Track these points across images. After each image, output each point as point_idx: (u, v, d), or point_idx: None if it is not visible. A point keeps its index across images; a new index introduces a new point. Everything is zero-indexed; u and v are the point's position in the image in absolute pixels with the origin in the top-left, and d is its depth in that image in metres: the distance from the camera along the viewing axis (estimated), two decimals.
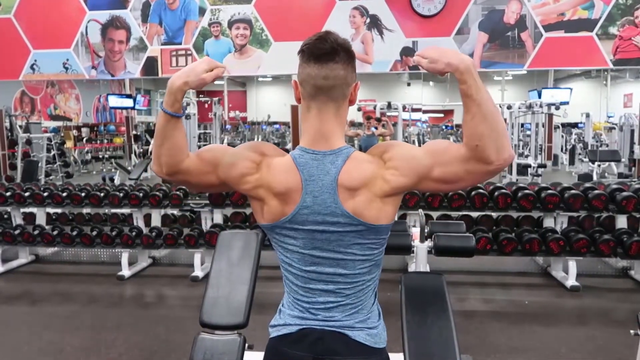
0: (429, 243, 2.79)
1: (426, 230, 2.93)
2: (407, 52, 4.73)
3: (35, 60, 5.10)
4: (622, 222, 4.64)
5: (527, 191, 4.48)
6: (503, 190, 4.51)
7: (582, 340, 3.39)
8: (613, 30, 4.48)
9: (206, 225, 4.91)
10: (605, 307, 4.06)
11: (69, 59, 5.06)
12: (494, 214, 4.88)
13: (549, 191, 4.46)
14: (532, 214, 4.79)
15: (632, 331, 2.84)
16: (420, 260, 2.76)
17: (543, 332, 3.51)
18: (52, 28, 5.07)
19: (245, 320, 2.47)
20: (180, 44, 4.94)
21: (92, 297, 4.37)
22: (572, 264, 4.35)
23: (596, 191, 4.39)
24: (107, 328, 3.67)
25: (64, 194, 5.01)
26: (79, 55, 5.05)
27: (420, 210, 2.99)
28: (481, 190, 4.52)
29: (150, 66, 5.00)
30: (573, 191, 4.43)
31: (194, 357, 2.39)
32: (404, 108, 11.99)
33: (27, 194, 5.06)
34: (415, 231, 2.94)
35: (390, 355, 2.95)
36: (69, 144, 16.62)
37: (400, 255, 3.17)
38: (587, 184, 4.72)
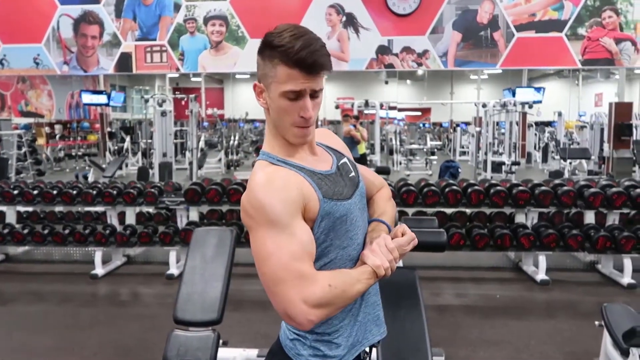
0: None
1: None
2: (383, 50, 4.78)
3: (5, 55, 4.98)
4: (590, 217, 4.79)
5: (499, 188, 4.57)
6: (476, 187, 4.59)
7: (551, 333, 3.49)
8: (582, 31, 4.60)
9: (182, 222, 4.87)
10: (573, 300, 4.18)
11: (39, 54, 4.95)
12: (468, 210, 4.98)
13: (520, 188, 4.57)
14: (504, 210, 4.89)
15: (597, 322, 2.95)
16: None
17: (514, 325, 3.61)
18: (22, 22, 4.95)
19: (219, 316, 2.48)
20: (155, 39, 4.88)
21: (64, 297, 4.30)
22: (542, 259, 4.47)
23: (565, 188, 4.51)
24: (80, 327, 3.62)
25: (35, 192, 4.91)
26: (50, 51, 4.95)
27: None
28: (455, 187, 4.60)
29: (124, 62, 4.93)
30: (543, 188, 4.55)
31: (168, 353, 2.39)
32: (381, 106, 12.09)
33: None
34: None
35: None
36: (41, 141, 16.27)
37: None
38: (557, 181, 4.84)
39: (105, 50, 4.93)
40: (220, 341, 2.64)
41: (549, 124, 18.34)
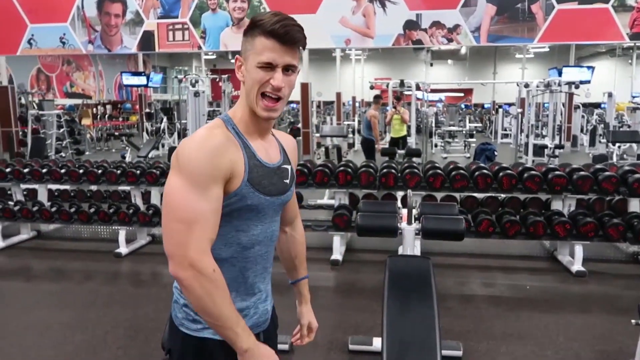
0: (416, 225, 2.65)
1: (416, 212, 2.80)
2: (411, 25, 4.52)
3: (32, 35, 5.03)
4: (634, 205, 4.44)
5: (533, 172, 4.29)
6: (508, 171, 4.32)
7: (582, 328, 3.25)
8: (630, 1, 4.20)
9: None
10: (611, 294, 3.89)
11: (65, 34, 4.98)
12: (502, 196, 4.71)
13: (557, 172, 4.26)
14: (539, 196, 4.60)
15: (633, 320, 2.70)
16: (407, 243, 2.64)
17: (541, 319, 3.37)
18: (48, 1, 4.98)
19: None
20: (176, 17, 4.81)
21: (87, 274, 4.36)
22: (579, 248, 4.17)
23: (606, 173, 4.18)
24: (97, 305, 3.65)
25: (63, 171, 4.99)
26: (75, 30, 4.97)
27: (409, 191, 2.85)
28: (485, 171, 4.34)
29: (147, 41, 4.89)
30: (582, 173, 4.23)
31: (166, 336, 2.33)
32: (417, 87, 11.70)
33: (26, 170, 5.05)
34: (405, 212, 2.81)
35: (374, 340, 2.85)
36: (87, 121, 16.75)
37: (386, 237, 3.04)
38: (598, 166, 4.50)
39: (129, 29, 4.90)
40: None
41: (598, 105, 17.36)
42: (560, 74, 12.22)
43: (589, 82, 12.07)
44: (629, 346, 2.80)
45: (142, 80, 15.18)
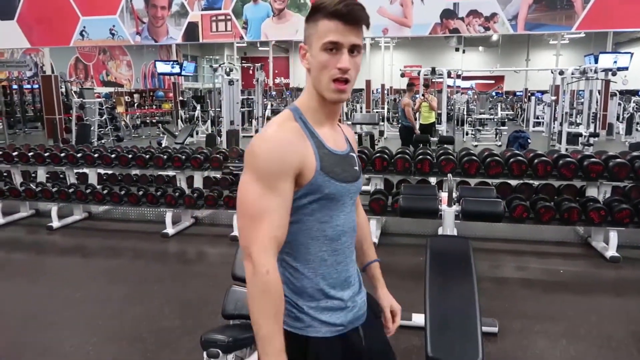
0: (456, 207, 2.79)
1: (455, 195, 2.94)
2: (448, 14, 4.60)
3: (84, 27, 5.30)
4: None
5: (568, 159, 4.34)
6: (543, 158, 4.39)
7: (616, 311, 3.34)
8: None
9: None
10: None
11: (115, 25, 5.23)
12: (536, 183, 4.77)
13: (592, 159, 4.31)
14: (574, 183, 4.65)
15: None
16: (447, 224, 2.78)
17: (574, 301, 3.48)
18: None
19: None
20: (220, 9, 5.00)
21: (137, 253, 4.65)
22: (613, 235, 4.23)
23: None
24: (149, 281, 3.92)
25: (113, 156, 5.28)
26: (124, 22, 5.22)
27: (449, 175, 2.98)
28: (520, 158, 4.42)
29: (191, 32, 5.10)
30: (618, 160, 4.27)
31: (226, 307, 2.55)
32: (449, 74, 11.66)
33: (79, 155, 5.37)
34: (444, 196, 2.95)
35: (414, 315, 3.02)
36: (120, 109, 17.26)
37: (428, 219, 3.18)
38: (635, 153, 4.51)
39: (174, 20, 5.12)
40: None
41: (636, 92, 16.91)
42: (596, 60, 11.98)
43: (627, 69, 11.79)
44: None
45: (175, 68, 15.54)
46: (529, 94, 19.04)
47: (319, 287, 1.21)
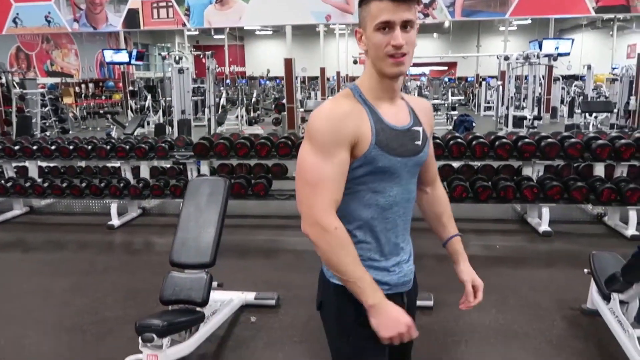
0: None
1: None
2: None
3: (17, 14, 5.09)
4: (599, 170, 4.73)
5: (503, 140, 4.54)
6: (480, 140, 4.57)
7: (545, 281, 3.55)
8: None
9: (192, 176, 5.03)
10: (575, 251, 4.19)
11: (50, 12, 5.05)
12: (476, 164, 4.96)
13: (526, 140, 4.53)
14: (511, 163, 4.87)
15: (585, 270, 3.00)
16: None
17: (507, 274, 3.68)
18: None
19: (212, 259, 2.63)
20: None
21: (82, 245, 4.56)
22: (546, 211, 4.47)
23: (572, 140, 4.44)
24: (95, 272, 3.86)
25: (53, 147, 5.13)
26: (60, 8, 5.04)
27: None
28: (459, 140, 4.59)
29: (132, 18, 4.99)
30: (549, 140, 4.49)
31: (164, 292, 2.58)
32: None
33: (17, 147, 5.18)
34: None
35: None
36: (68, 100, 16.65)
37: None
38: (565, 133, 4.77)
39: (113, 7, 4.99)
40: (216, 283, 2.82)
41: (579, 77, 17.69)
42: (540, 46, 12.44)
43: (568, 54, 12.30)
44: (585, 295, 3.11)
45: (124, 57, 15.06)
46: (480, 80, 19.58)
47: (367, 249, 1.30)
